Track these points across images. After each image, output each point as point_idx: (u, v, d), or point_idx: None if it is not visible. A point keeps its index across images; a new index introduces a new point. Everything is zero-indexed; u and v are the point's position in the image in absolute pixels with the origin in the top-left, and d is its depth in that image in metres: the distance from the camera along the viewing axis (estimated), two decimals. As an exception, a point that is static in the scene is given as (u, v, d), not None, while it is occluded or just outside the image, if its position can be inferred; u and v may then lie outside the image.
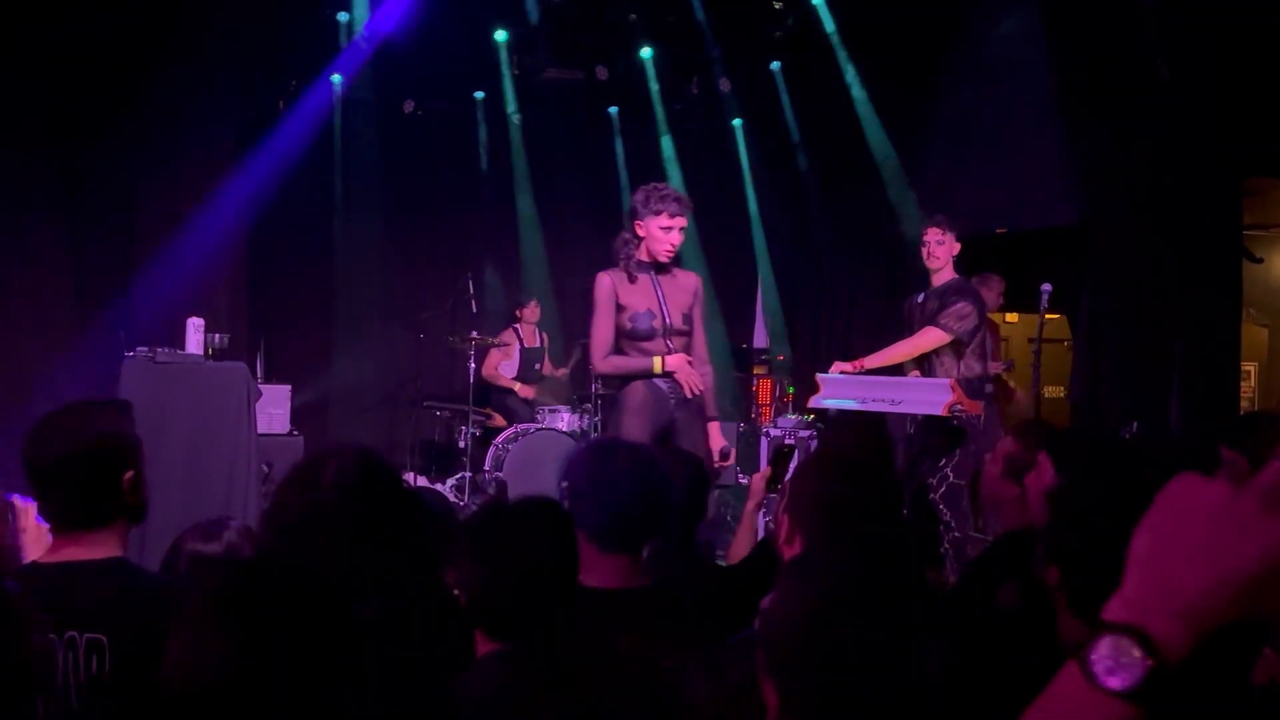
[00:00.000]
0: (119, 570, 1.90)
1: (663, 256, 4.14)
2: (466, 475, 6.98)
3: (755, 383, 8.64)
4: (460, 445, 7.42)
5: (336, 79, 8.00)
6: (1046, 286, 4.90)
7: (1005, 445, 2.53)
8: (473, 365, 7.33)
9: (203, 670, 1.25)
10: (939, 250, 4.97)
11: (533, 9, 7.69)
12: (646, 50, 8.24)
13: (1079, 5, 6.01)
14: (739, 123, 9.03)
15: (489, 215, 8.89)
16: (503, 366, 8.05)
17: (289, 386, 7.06)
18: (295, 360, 7.97)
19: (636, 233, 4.15)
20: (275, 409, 6.70)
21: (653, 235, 4.11)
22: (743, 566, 2.62)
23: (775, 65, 8.43)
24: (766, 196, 9.12)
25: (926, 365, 4.95)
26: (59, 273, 6.55)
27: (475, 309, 7.46)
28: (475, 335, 7.28)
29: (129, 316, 6.36)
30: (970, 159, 7.00)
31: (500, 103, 8.61)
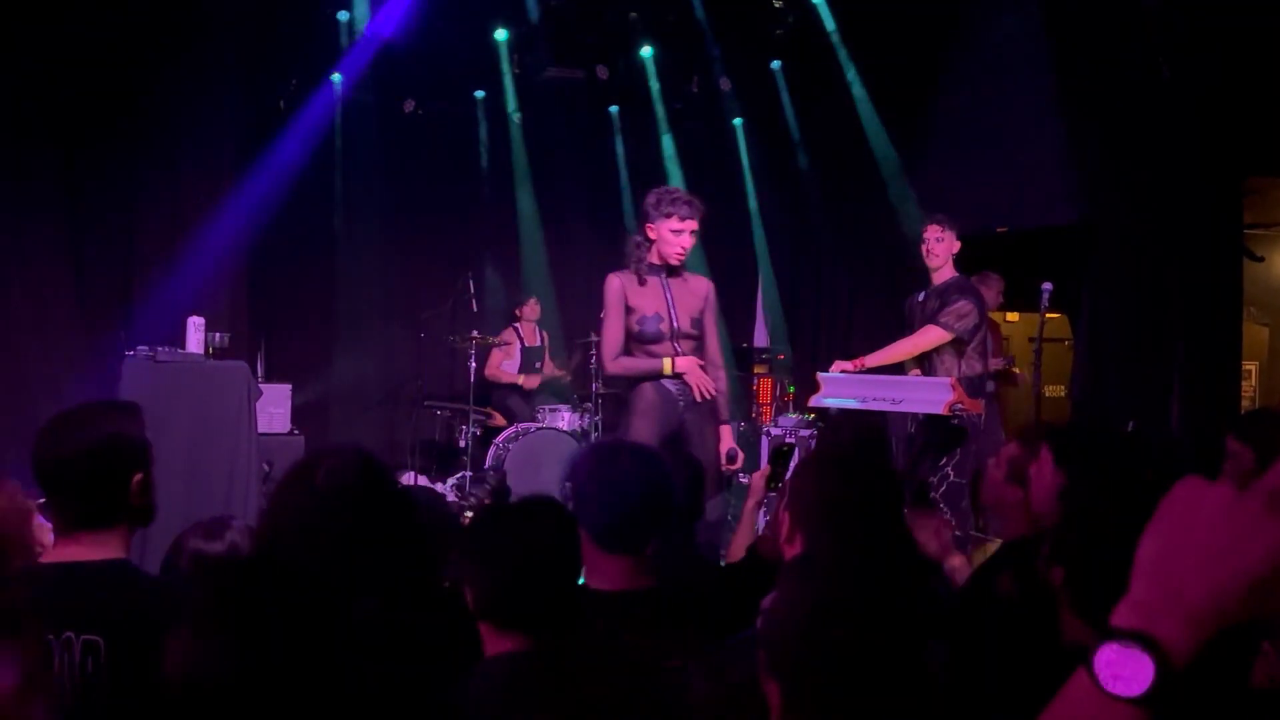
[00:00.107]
0: (119, 572, 1.89)
1: (673, 259, 4.13)
2: (467, 475, 6.99)
3: (756, 382, 8.62)
4: (461, 445, 7.42)
5: (337, 79, 7.99)
6: (1047, 285, 4.90)
7: (1008, 449, 2.53)
8: (473, 365, 7.33)
9: (203, 670, 1.25)
10: (938, 248, 4.96)
11: (533, 8, 7.68)
12: (647, 49, 8.23)
13: (1079, 5, 6.01)
14: (739, 122, 9.02)
15: (489, 215, 8.87)
16: (505, 365, 8.06)
17: (289, 385, 7.07)
18: (296, 359, 7.97)
19: (647, 235, 4.15)
20: (276, 408, 6.71)
21: (663, 238, 4.11)
22: (735, 570, 2.61)
23: (776, 64, 8.42)
24: (766, 196, 9.10)
25: (927, 364, 4.95)
26: (60, 272, 6.55)
27: (475, 308, 7.46)
28: (475, 335, 7.29)
29: (129, 316, 6.37)
30: (970, 158, 7.00)
31: (500, 102, 8.59)
